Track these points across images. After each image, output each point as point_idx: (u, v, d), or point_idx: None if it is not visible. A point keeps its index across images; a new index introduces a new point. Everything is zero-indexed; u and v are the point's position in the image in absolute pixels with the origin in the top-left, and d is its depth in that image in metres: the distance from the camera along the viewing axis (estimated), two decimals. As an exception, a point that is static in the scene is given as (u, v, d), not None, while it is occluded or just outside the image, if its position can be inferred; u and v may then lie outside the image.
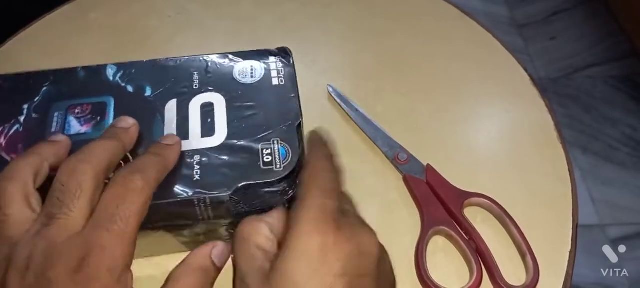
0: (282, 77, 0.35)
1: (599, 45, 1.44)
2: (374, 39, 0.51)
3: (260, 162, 0.31)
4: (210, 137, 0.32)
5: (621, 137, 1.24)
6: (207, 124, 0.32)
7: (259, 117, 0.33)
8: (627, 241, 1.09)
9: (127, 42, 0.50)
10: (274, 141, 0.32)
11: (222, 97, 0.34)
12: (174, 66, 0.36)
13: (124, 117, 0.31)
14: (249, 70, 0.35)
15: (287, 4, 0.54)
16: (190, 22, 0.53)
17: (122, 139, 0.30)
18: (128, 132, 0.31)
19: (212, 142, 0.31)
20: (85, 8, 0.53)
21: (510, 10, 1.53)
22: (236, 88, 0.34)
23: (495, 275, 0.34)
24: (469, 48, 0.51)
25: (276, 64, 0.36)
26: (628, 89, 1.33)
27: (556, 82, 1.36)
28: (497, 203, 0.38)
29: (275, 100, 0.34)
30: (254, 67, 0.35)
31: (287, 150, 0.31)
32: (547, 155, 0.42)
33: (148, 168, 0.27)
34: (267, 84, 0.34)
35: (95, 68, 0.36)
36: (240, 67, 0.35)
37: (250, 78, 0.35)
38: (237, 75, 0.35)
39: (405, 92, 0.47)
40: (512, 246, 0.37)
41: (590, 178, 1.17)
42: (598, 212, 1.13)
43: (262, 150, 0.31)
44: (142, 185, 0.26)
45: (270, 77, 0.35)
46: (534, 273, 0.34)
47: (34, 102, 0.34)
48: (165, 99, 0.34)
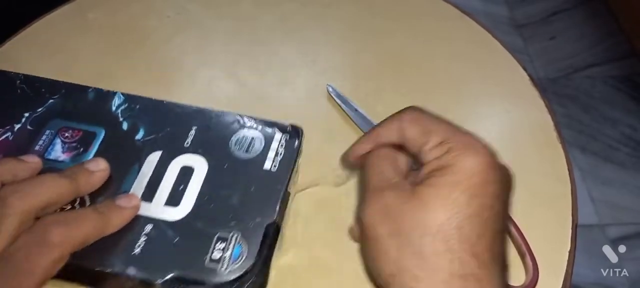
0: (277, 162, 0.31)
1: (598, 45, 1.44)
2: (374, 39, 0.51)
3: (207, 256, 0.27)
4: (174, 207, 0.29)
5: (621, 137, 1.24)
6: (177, 192, 0.30)
7: (232, 202, 0.29)
8: (627, 241, 1.09)
9: (126, 42, 0.50)
10: (234, 236, 0.28)
11: (206, 164, 0.31)
12: (178, 113, 0.34)
13: (98, 160, 0.30)
14: (247, 141, 0.32)
15: (287, 3, 0.54)
16: (189, 22, 0.53)
17: (78, 182, 0.29)
18: (91, 176, 0.29)
19: (171, 215, 0.29)
20: (85, 8, 0.53)
21: (510, 10, 1.53)
22: (225, 159, 0.31)
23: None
24: (468, 48, 0.51)
25: (278, 144, 0.32)
26: (628, 89, 1.34)
27: (556, 82, 1.36)
28: None
29: (257, 188, 0.30)
30: (254, 140, 0.32)
31: (242, 251, 0.27)
32: (547, 155, 0.42)
33: (79, 225, 0.26)
34: (258, 165, 0.31)
35: (105, 93, 0.35)
36: (241, 134, 0.33)
37: (244, 152, 0.32)
38: (233, 144, 0.32)
39: (405, 92, 0.47)
40: (511, 246, 0.37)
41: (589, 178, 1.17)
42: (597, 211, 1.13)
43: (216, 243, 0.28)
44: (60, 241, 0.25)
45: (265, 158, 0.31)
46: (533, 273, 0.34)
47: (36, 113, 0.34)
48: (153, 147, 0.32)
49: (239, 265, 0.27)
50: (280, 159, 0.32)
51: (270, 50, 0.50)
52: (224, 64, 0.49)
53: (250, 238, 0.28)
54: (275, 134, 0.33)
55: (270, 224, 0.29)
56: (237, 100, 0.46)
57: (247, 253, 0.27)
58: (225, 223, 0.28)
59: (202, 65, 0.49)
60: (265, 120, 0.34)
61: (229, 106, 0.45)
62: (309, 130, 0.44)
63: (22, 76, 0.36)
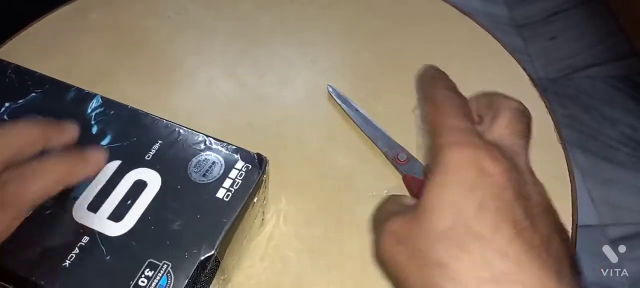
0: (232, 190, 0.30)
1: (598, 45, 1.44)
2: (373, 39, 0.51)
3: (133, 282, 0.26)
4: (115, 222, 0.28)
5: (621, 137, 1.24)
6: (123, 206, 0.28)
7: (174, 227, 0.28)
8: (627, 241, 1.09)
9: (127, 42, 0.50)
10: (164, 265, 0.26)
11: (159, 181, 0.30)
12: (148, 125, 0.33)
13: (69, 124, 0.29)
14: (207, 165, 0.31)
15: (287, 4, 0.54)
16: (190, 23, 0.53)
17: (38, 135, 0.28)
18: (62, 132, 0.29)
19: (111, 229, 0.28)
20: (85, 8, 0.53)
21: (510, 10, 1.53)
22: (180, 179, 0.30)
23: None
24: (468, 48, 0.51)
25: (238, 173, 0.31)
26: (628, 89, 1.34)
27: (556, 82, 1.36)
28: None
29: (204, 216, 0.29)
30: (214, 165, 0.31)
31: (169, 283, 0.26)
32: (547, 155, 0.42)
33: (38, 180, 0.26)
34: (211, 191, 0.30)
35: (85, 94, 0.35)
36: (203, 156, 0.31)
37: (201, 176, 0.30)
38: (192, 165, 0.31)
39: (405, 92, 0.47)
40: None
41: (589, 179, 1.17)
42: (598, 212, 1.13)
43: (145, 270, 0.26)
44: (10, 201, 0.25)
45: (220, 185, 0.30)
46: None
47: (16, 104, 0.34)
48: (114, 156, 0.31)
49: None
50: (235, 189, 0.30)
51: (270, 51, 0.50)
52: (224, 64, 0.49)
53: (181, 270, 0.26)
54: (237, 161, 0.31)
55: (206, 259, 0.27)
56: (237, 100, 0.46)
57: (172, 286, 0.26)
58: (160, 249, 0.27)
59: (202, 65, 0.49)
60: (233, 146, 0.32)
61: (229, 106, 0.45)
62: (309, 130, 0.44)
63: (13, 66, 0.36)
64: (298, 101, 0.46)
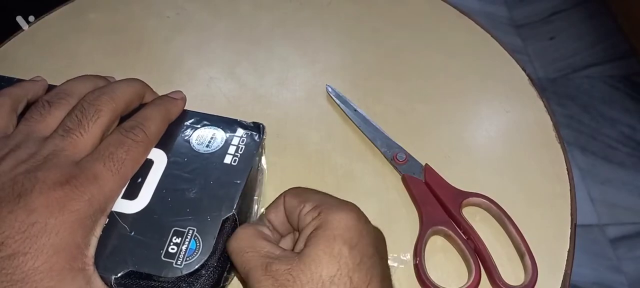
0: (239, 155, 0.31)
1: (597, 45, 1.44)
2: (373, 39, 0.51)
3: (163, 250, 0.27)
4: (131, 200, 0.29)
5: (620, 136, 1.24)
6: (135, 184, 0.29)
7: (191, 196, 0.29)
8: (626, 241, 1.09)
9: (126, 42, 0.50)
10: (190, 230, 0.28)
11: (165, 158, 0.31)
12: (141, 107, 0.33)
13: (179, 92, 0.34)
14: (208, 138, 0.32)
15: (287, 4, 0.54)
16: (189, 23, 0.53)
17: (142, 88, 0.32)
18: (146, 88, 0.33)
19: (128, 207, 0.28)
20: (85, 8, 0.54)
21: (509, 11, 1.53)
22: (185, 153, 0.31)
23: (493, 275, 0.34)
24: (467, 48, 0.51)
25: (240, 139, 0.32)
26: (627, 89, 1.34)
27: (555, 82, 1.36)
28: (495, 202, 0.38)
29: (217, 182, 0.30)
30: (214, 136, 0.32)
31: (198, 246, 0.27)
32: (546, 155, 0.42)
33: (150, 120, 0.30)
34: (218, 159, 0.31)
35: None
36: (202, 130, 0.32)
37: (204, 147, 0.31)
38: (194, 139, 0.32)
39: (404, 92, 0.47)
40: (510, 246, 0.37)
41: (589, 178, 1.17)
42: (597, 211, 1.13)
43: (172, 238, 0.27)
44: (142, 137, 0.29)
45: (226, 152, 0.31)
46: (533, 273, 0.34)
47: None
48: None
49: (195, 259, 0.27)
50: (241, 154, 0.31)
51: (270, 51, 0.50)
52: (224, 64, 0.49)
53: (206, 232, 0.28)
54: (237, 130, 0.33)
55: (227, 218, 0.28)
56: (237, 100, 0.46)
57: (202, 249, 0.27)
58: (182, 216, 0.28)
59: (202, 65, 0.49)
60: (227, 118, 0.34)
61: (229, 106, 0.45)
62: (308, 130, 0.44)
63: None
64: (298, 101, 0.46)
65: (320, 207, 0.27)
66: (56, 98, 0.30)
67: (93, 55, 0.49)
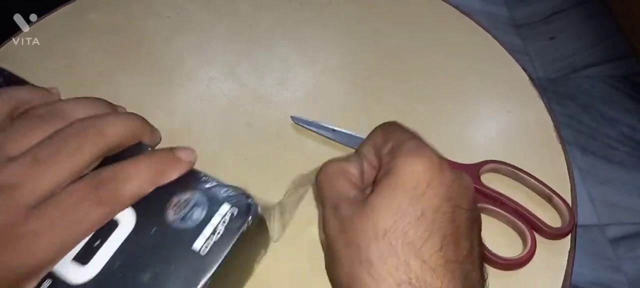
0: (213, 240, 0.25)
1: (597, 45, 1.44)
2: (373, 39, 0.51)
3: None
4: (81, 265, 0.24)
5: (620, 136, 1.24)
6: (91, 247, 0.24)
7: (143, 279, 0.24)
8: (626, 241, 1.09)
9: (126, 42, 0.50)
10: None
11: (133, 220, 0.25)
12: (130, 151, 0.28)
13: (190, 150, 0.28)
14: (188, 206, 0.26)
15: (287, 4, 0.54)
16: (189, 23, 0.53)
17: (141, 127, 0.27)
18: (146, 129, 0.28)
19: (74, 274, 0.24)
20: (85, 8, 0.53)
21: (509, 11, 1.53)
22: (155, 221, 0.25)
23: (539, 225, 0.35)
24: (468, 48, 0.51)
25: (220, 219, 0.26)
26: (627, 89, 1.34)
27: (555, 82, 1.36)
28: (503, 162, 0.39)
29: (178, 271, 0.24)
30: (195, 207, 0.26)
31: None
32: (546, 155, 0.42)
33: (131, 180, 0.25)
34: (188, 240, 0.25)
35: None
36: (186, 195, 0.26)
37: (179, 220, 0.25)
38: (172, 205, 0.26)
39: (405, 92, 0.47)
40: (534, 195, 0.38)
41: (589, 178, 1.17)
42: (597, 211, 1.13)
43: None
44: (111, 199, 0.24)
45: (199, 233, 0.25)
46: (568, 211, 0.35)
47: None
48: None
49: None
50: (214, 240, 0.25)
51: (270, 51, 0.50)
52: (223, 64, 0.49)
53: None
54: (222, 205, 0.26)
55: None
56: (237, 100, 0.46)
57: None
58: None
59: (202, 65, 0.49)
60: (223, 184, 0.27)
61: (229, 106, 0.45)
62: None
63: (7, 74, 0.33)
64: (298, 101, 0.46)
65: (394, 151, 0.25)
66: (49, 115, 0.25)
67: (93, 55, 0.49)
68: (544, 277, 0.35)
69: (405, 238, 0.23)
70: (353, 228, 0.24)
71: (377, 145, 0.28)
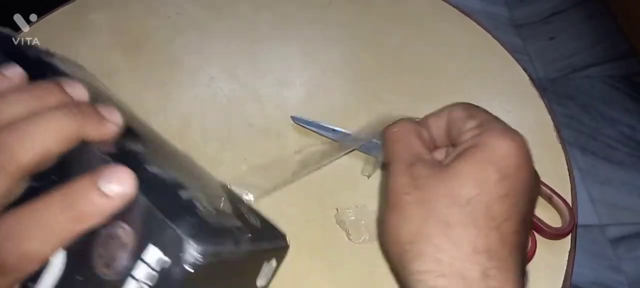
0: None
1: (597, 45, 1.44)
2: (373, 39, 0.51)
3: None
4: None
5: (620, 136, 1.24)
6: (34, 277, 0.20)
7: None
8: (626, 241, 1.09)
9: (127, 42, 0.50)
10: None
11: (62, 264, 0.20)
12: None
13: (114, 111, 0.23)
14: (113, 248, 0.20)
15: (287, 4, 0.54)
16: (190, 23, 0.53)
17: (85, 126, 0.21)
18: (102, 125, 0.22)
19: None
20: (85, 8, 0.53)
21: (510, 11, 1.53)
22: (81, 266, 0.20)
23: (540, 225, 0.35)
24: (468, 48, 0.51)
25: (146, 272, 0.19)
26: (627, 89, 1.34)
27: (555, 82, 1.36)
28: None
29: None
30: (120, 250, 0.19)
31: None
32: (546, 155, 0.42)
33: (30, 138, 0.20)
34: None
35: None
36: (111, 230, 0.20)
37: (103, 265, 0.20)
38: (99, 245, 0.20)
39: (405, 92, 0.47)
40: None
41: (589, 178, 1.17)
42: (597, 211, 1.13)
43: None
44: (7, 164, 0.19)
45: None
46: (568, 211, 0.35)
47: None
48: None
49: None
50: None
51: (270, 50, 0.50)
52: (224, 64, 0.49)
53: None
54: (148, 250, 0.19)
55: None
56: (237, 100, 0.46)
57: None
58: None
59: (202, 65, 0.49)
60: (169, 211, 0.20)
61: (229, 106, 0.45)
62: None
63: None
64: (297, 101, 0.46)
65: (484, 127, 0.26)
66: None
67: (93, 55, 0.49)
68: (544, 276, 0.35)
69: (488, 212, 0.23)
70: (430, 189, 0.24)
71: (456, 119, 0.28)
